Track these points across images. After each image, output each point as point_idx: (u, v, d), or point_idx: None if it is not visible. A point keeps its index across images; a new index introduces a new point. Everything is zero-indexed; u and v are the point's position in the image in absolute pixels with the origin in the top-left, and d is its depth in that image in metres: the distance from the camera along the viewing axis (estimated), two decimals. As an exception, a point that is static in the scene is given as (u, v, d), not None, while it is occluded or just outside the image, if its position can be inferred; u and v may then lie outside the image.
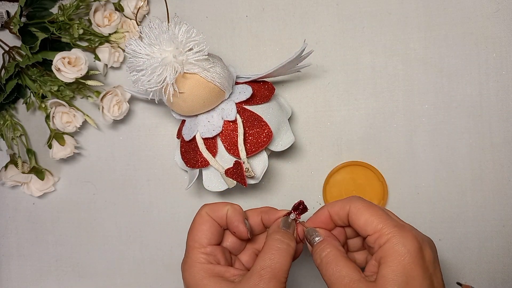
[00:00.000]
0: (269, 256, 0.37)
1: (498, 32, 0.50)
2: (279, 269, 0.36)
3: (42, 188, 0.55)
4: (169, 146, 0.55)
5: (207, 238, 0.39)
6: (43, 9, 0.54)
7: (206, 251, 0.39)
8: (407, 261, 0.34)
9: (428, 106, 0.51)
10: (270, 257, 0.37)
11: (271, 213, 0.42)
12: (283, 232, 0.39)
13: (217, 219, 0.40)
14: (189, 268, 0.38)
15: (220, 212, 0.40)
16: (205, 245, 0.39)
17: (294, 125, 0.53)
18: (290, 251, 0.38)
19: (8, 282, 0.58)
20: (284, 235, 0.39)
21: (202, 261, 0.38)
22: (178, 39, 0.40)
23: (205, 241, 0.39)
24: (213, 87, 0.43)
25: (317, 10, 0.52)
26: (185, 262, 0.39)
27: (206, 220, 0.40)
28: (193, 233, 0.40)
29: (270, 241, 0.38)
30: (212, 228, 0.40)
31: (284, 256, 0.37)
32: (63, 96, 0.53)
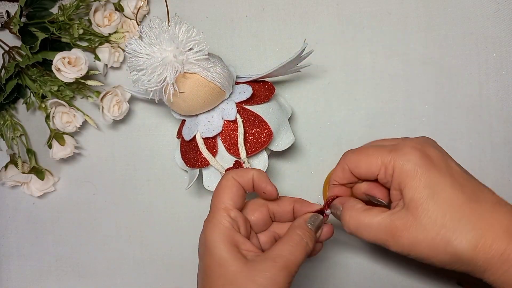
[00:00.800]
0: (287, 247, 0.37)
1: (498, 32, 0.50)
2: (293, 262, 0.37)
3: (42, 188, 0.55)
4: (169, 146, 0.55)
5: (233, 200, 0.40)
6: (43, 9, 0.54)
7: (231, 214, 0.39)
8: (420, 173, 0.35)
9: (428, 106, 0.51)
10: (288, 248, 0.37)
11: (304, 204, 0.42)
12: (306, 230, 0.39)
13: (243, 183, 0.41)
14: (213, 227, 0.38)
15: (246, 177, 0.41)
16: (231, 208, 0.39)
17: (294, 125, 0.53)
18: (307, 249, 0.38)
19: (8, 282, 0.58)
20: (306, 234, 0.39)
21: (225, 224, 0.38)
22: (179, 39, 0.40)
23: (230, 204, 0.39)
24: (213, 87, 0.43)
25: (317, 10, 0.52)
26: (209, 220, 0.39)
27: (233, 183, 0.40)
28: (220, 195, 0.40)
29: (292, 234, 0.39)
30: (238, 192, 0.40)
31: (300, 251, 0.38)
32: (63, 96, 0.53)
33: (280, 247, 0.38)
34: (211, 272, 0.37)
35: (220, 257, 0.37)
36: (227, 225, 0.38)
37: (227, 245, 0.37)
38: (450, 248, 0.34)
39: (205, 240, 0.38)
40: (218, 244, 0.37)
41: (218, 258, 0.37)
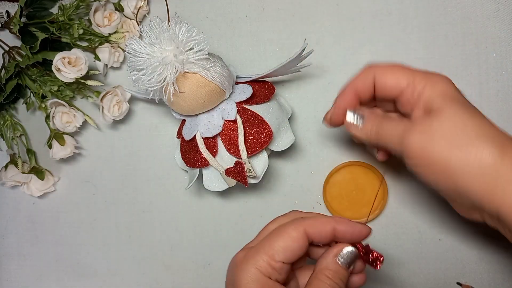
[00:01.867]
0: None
1: (498, 32, 0.50)
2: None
3: (42, 188, 0.55)
4: (169, 146, 0.55)
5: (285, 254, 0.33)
6: (43, 9, 0.54)
7: (274, 266, 0.33)
8: (452, 93, 0.36)
9: (428, 106, 0.51)
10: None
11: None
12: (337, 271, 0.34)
13: (316, 238, 0.34)
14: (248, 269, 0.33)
15: (324, 230, 0.34)
16: (278, 260, 0.33)
17: (294, 125, 0.53)
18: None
19: (8, 282, 0.58)
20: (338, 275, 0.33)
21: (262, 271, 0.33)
22: (179, 39, 0.40)
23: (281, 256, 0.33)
24: (213, 87, 0.43)
25: (317, 10, 0.52)
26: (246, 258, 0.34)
27: (298, 237, 0.34)
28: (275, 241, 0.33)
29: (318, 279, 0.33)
30: (298, 249, 0.34)
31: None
32: (63, 96, 0.53)
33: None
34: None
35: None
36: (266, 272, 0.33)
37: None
38: (473, 150, 0.32)
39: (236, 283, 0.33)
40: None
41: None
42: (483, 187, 0.32)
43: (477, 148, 0.32)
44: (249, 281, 0.32)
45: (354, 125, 0.39)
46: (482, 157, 0.32)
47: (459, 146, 0.32)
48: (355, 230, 0.34)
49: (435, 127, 0.33)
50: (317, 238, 0.34)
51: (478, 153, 0.32)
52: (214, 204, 0.55)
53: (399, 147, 0.35)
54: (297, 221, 0.34)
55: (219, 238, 0.55)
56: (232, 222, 0.55)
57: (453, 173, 0.32)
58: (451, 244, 0.51)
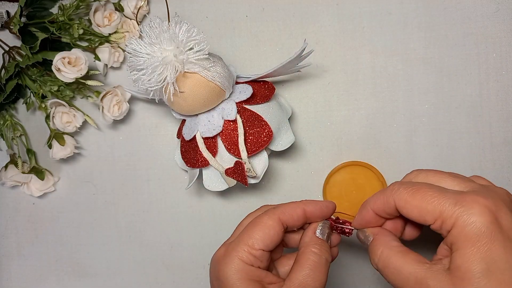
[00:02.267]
0: (305, 272, 0.34)
1: (498, 32, 0.50)
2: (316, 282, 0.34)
3: (42, 188, 0.55)
4: (169, 146, 0.55)
5: (264, 243, 0.35)
6: (43, 9, 0.54)
7: (254, 254, 0.35)
8: (482, 243, 0.29)
9: (428, 106, 0.51)
10: (306, 273, 0.34)
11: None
12: (320, 244, 0.36)
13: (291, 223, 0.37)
14: (230, 261, 0.35)
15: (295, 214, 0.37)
16: (258, 248, 0.35)
17: (294, 125, 0.53)
18: (327, 265, 0.35)
19: (8, 282, 0.58)
20: (321, 248, 0.35)
21: (245, 260, 0.35)
22: (179, 38, 0.40)
23: (260, 245, 0.35)
24: (213, 87, 0.43)
25: (317, 10, 0.52)
26: (226, 252, 0.36)
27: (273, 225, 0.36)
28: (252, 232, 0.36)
29: (308, 255, 0.35)
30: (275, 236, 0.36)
31: (320, 272, 0.34)
32: (63, 96, 0.53)
33: (297, 274, 0.34)
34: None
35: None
36: (248, 261, 0.35)
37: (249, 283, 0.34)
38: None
39: (221, 277, 0.35)
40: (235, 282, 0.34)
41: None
42: None
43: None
44: (234, 272, 0.34)
45: (363, 242, 0.37)
46: None
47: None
48: (321, 207, 0.37)
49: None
50: (290, 223, 0.37)
51: None
52: (214, 204, 0.55)
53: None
54: (270, 211, 0.37)
55: (219, 238, 0.55)
56: (232, 222, 0.54)
57: None
58: (451, 244, 0.51)
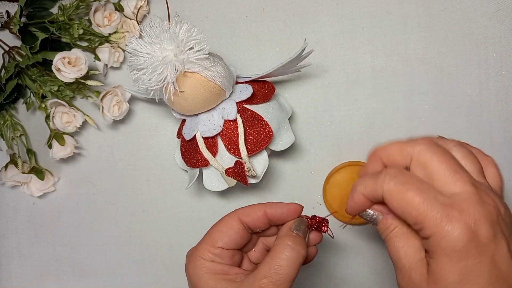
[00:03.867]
0: (276, 262, 0.35)
1: (498, 32, 0.50)
2: (284, 280, 0.34)
3: (42, 188, 0.55)
4: (169, 146, 0.55)
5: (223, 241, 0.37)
6: (43, 9, 0.54)
7: (214, 251, 0.37)
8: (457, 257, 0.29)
9: (428, 106, 0.51)
10: (278, 264, 0.35)
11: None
12: (294, 237, 0.36)
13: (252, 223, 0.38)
14: (194, 260, 0.37)
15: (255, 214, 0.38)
16: (217, 246, 0.37)
17: (294, 125, 0.53)
18: (299, 259, 0.35)
19: (8, 282, 0.58)
20: (296, 241, 0.36)
21: (206, 258, 0.37)
22: (179, 38, 0.40)
23: (219, 243, 0.37)
24: (213, 86, 0.43)
25: (317, 10, 0.52)
26: (192, 253, 0.38)
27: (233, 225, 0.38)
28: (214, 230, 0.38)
29: (280, 246, 0.36)
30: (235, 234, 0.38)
31: (292, 265, 0.35)
32: (63, 96, 0.53)
33: (269, 264, 0.35)
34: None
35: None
36: (207, 259, 0.37)
37: (211, 276, 0.36)
38: None
39: (188, 276, 0.37)
40: (201, 278, 0.36)
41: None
42: None
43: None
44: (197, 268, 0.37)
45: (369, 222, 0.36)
46: None
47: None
48: (284, 210, 0.38)
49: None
50: (251, 223, 0.38)
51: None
52: (214, 204, 0.55)
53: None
54: (232, 212, 0.39)
55: (219, 238, 0.55)
56: (232, 222, 0.55)
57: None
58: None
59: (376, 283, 0.53)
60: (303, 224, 0.38)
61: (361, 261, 0.53)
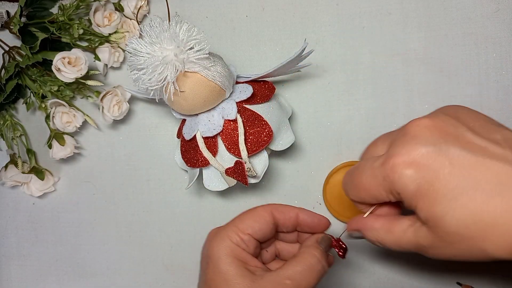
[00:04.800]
0: (301, 269, 0.36)
1: (498, 32, 0.50)
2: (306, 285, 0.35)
3: (42, 188, 0.55)
4: (169, 146, 0.55)
5: (253, 229, 0.38)
6: (43, 9, 0.54)
7: (242, 237, 0.38)
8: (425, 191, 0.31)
9: (428, 106, 0.51)
10: (301, 272, 0.35)
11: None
12: (321, 251, 0.37)
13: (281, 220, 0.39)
14: (219, 240, 0.37)
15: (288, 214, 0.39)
16: (247, 233, 0.38)
17: (294, 125, 0.53)
18: (321, 272, 0.36)
19: (8, 282, 0.58)
20: (321, 254, 0.37)
21: (234, 240, 0.37)
22: (179, 38, 0.40)
23: (249, 230, 0.38)
24: (213, 86, 0.43)
25: (317, 10, 0.52)
26: (217, 232, 0.38)
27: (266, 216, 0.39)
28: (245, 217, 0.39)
29: (307, 255, 0.37)
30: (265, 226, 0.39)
31: (314, 277, 0.36)
32: (63, 96, 0.53)
33: (293, 268, 0.36)
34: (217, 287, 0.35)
35: (227, 272, 0.35)
36: (236, 241, 0.37)
37: (233, 260, 0.36)
38: (485, 254, 0.30)
39: (209, 252, 0.37)
40: (223, 258, 0.36)
41: (224, 273, 0.36)
42: None
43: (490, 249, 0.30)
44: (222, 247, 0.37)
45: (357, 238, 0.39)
46: (498, 255, 0.30)
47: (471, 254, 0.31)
48: (314, 220, 0.40)
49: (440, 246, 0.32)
50: (281, 220, 0.39)
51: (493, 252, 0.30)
52: (214, 204, 0.55)
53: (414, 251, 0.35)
54: (266, 204, 0.40)
55: (219, 238, 0.55)
56: (232, 222, 0.55)
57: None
58: (451, 244, 0.51)
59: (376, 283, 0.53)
60: (328, 242, 0.39)
61: (360, 261, 0.53)
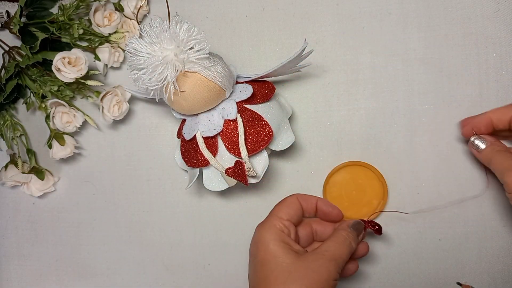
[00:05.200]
0: (333, 243, 0.43)
1: (498, 32, 0.50)
2: (339, 256, 0.42)
3: (42, 188, 0.55)
4: (169, 146, 0.55)
5: (289, 215, 0.45)
6: (43, 9, 0.54)
7: (283, 223, 0.44)
8: None
9: (428, 106, 0.51)
10: (334, 245, 0.43)
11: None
12: (350, 232, 0.45)
13: (305, 206, 0.47)
14: (267, 228, 0.44)
15: (309, 201, 0.47)
16: (285, 218, 0.45)
17: (294, 125, 0.53)
18: (350, 248, 0.43)
19: (8, 282, 0.58)
20: (349, 235, 0.44)
21: (278, 227, 0.44)
22: (179, 38, 0.40)
23: (286, 216, 0.45)
24: (213, 86, 0.43)
25: (317, 10, 0.52)
26: (264, 223, 0.45)
27: (294, 202, 0.46)
28: (280, 207, 0.46)
29: (338, 234, 0.44)
30: (296, 211, 0.46)
31: (345, 248, 0.43)
32: (63, 96, 0.53)
33: (327, 244, 0.43)
34: (268, 263, 0.41)
35: (275, 251, 0.42)
36: (280, 228, 0.44)
37: (280, 242, 0.42)
38: None
39: (259, 239, 0.43)
40: (272, 241, 0.42)
41: (273, 251, 0.42)
42: None
43: None
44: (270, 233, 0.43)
45: (474, 147, 0.48)
46: None
47: None
48: (329, 208, 0.48)
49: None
50: (306, 206, 0.47)
51: None
52: (214, 204, 0.55)
53: (501, 179, 0.44)
54: (291, 194, 0.48)
55: (219, 238, 0.55)
56: (232, 222, 0.55)
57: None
58: (451, 244, 0.51)
59: (376, 283, 0.53)
60: (359, 225, 0.46)
61: (360, 261, 0.53)
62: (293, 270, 0.40)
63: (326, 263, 0.40)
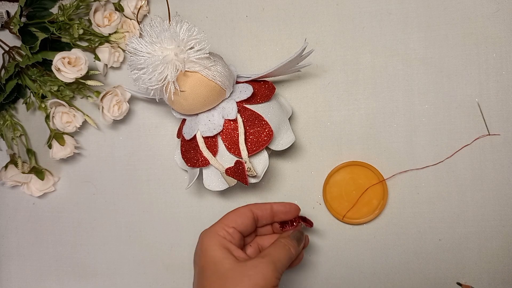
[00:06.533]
0: (273, 248, 0.44)
1: (498, 32, 0.50)
2: (277, 259, 0.42)
3: (42, 188, 0.55)
4: (169, 146, 0.55)
5: (236, 223, 0.45)
6: (43, 9, 0.54)
7: (227, 230, 0.44)
8: None
9: (428, 106, 0.51)
10: (274, 249, 0.43)
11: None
12: (290, 240, 0.46)
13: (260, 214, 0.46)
14: (209, 234, 0.44)
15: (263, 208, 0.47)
16: (231, 226, 0.44)
17: (294, 125, 0.53)
18: (290, 254, 0.44)
19: (8, 282, 0.58)
20: (289, 242, 0.45)
21: (221, 234, 0.43)
22: (180, 37, 0.40)
23: (233, 224, 0.44)
24: (214, 86, 0.43)
25: (317, 10, 0.52)
26: (207, 229, 0.44)
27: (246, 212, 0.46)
28: (229, 215, 0.45)
29: (278, 241, 0.45)
30: (246, 220, 0.45)
31: (285, 254, 0.43)
32: (63, 96, 0.53)
33: (267, 249, 0.44)
34: (207, 270, 0.41)
35: (214, 256, 0.41)
36: (223, 234, 0.43)
37: (219, 247, 0.42)
38: None
39: (201, 246, 0.43)
40: (212, 247, 0.42)
41: (212, 257, 0.42)
42: None
43: None
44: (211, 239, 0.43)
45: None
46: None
47: None
48: (286, 206, 0.47)
49: None
50: (260, 214, 0.46)
51: None
52: (214, 204, 0.55)
53: None
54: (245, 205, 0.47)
55: (219, 238, 0.55)
56: (232, 222, 0.55)
57: None
58: (451, 244, 0.51)
59: (376, 283, 0.53)
60: (300, 235, 0.47)
61: (360, 261, 0.53)
62: (230, 276, 0.40)
63: (264, 267, 0.40)
